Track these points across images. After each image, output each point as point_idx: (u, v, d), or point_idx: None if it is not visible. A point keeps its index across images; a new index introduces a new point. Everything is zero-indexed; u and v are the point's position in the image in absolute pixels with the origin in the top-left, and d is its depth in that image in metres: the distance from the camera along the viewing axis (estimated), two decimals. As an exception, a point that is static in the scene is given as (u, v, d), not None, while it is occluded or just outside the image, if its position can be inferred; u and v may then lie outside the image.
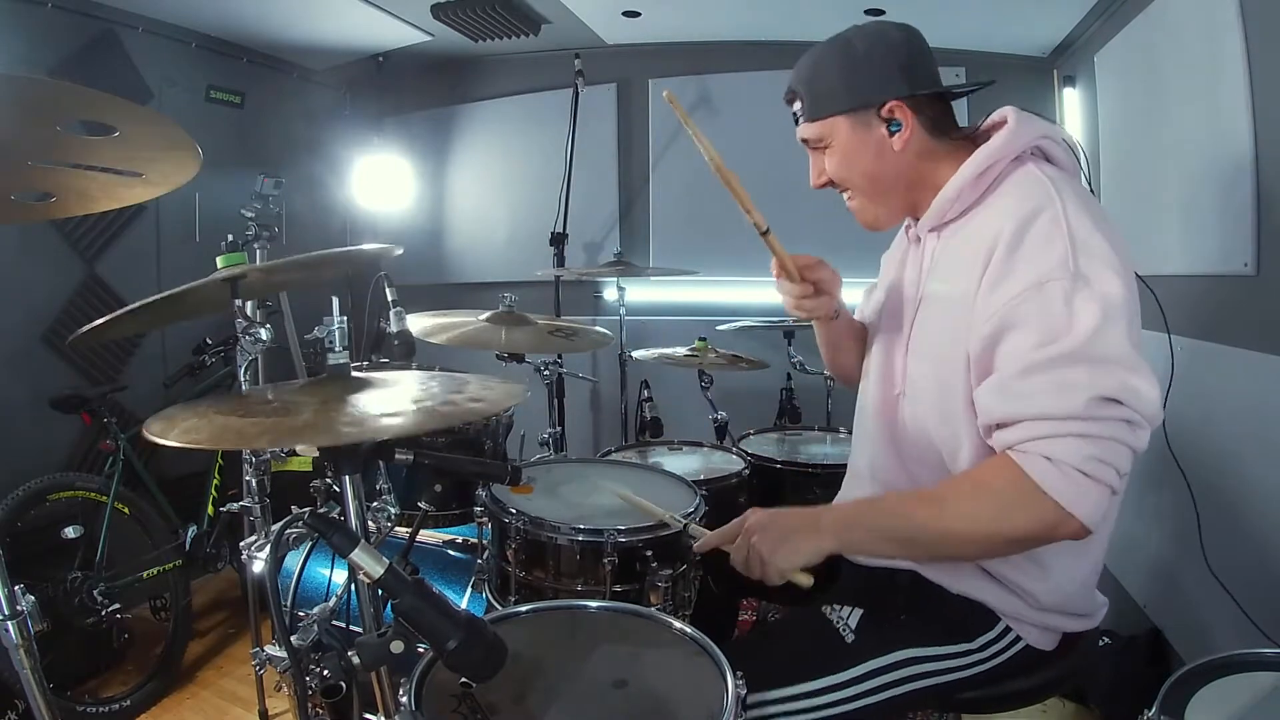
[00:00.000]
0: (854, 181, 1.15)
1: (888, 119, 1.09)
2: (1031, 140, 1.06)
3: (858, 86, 1.09)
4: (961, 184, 1.07)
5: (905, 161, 1.11)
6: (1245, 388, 1.63)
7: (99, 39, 2.56)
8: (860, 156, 1.12)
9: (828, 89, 1.11)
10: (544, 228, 3.12)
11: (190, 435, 0.81)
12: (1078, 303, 0.90)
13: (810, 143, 1.17)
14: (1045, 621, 1.10)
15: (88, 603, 2.12)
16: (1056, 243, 0.93)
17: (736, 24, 3.10)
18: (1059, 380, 0.89)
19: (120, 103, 0.73)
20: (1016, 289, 0.94)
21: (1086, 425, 0.89)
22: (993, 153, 1.05)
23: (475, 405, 0.93)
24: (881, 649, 1.08)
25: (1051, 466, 0.89)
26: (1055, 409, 0.89)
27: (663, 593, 1.30)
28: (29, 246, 2.45)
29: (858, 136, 1.11)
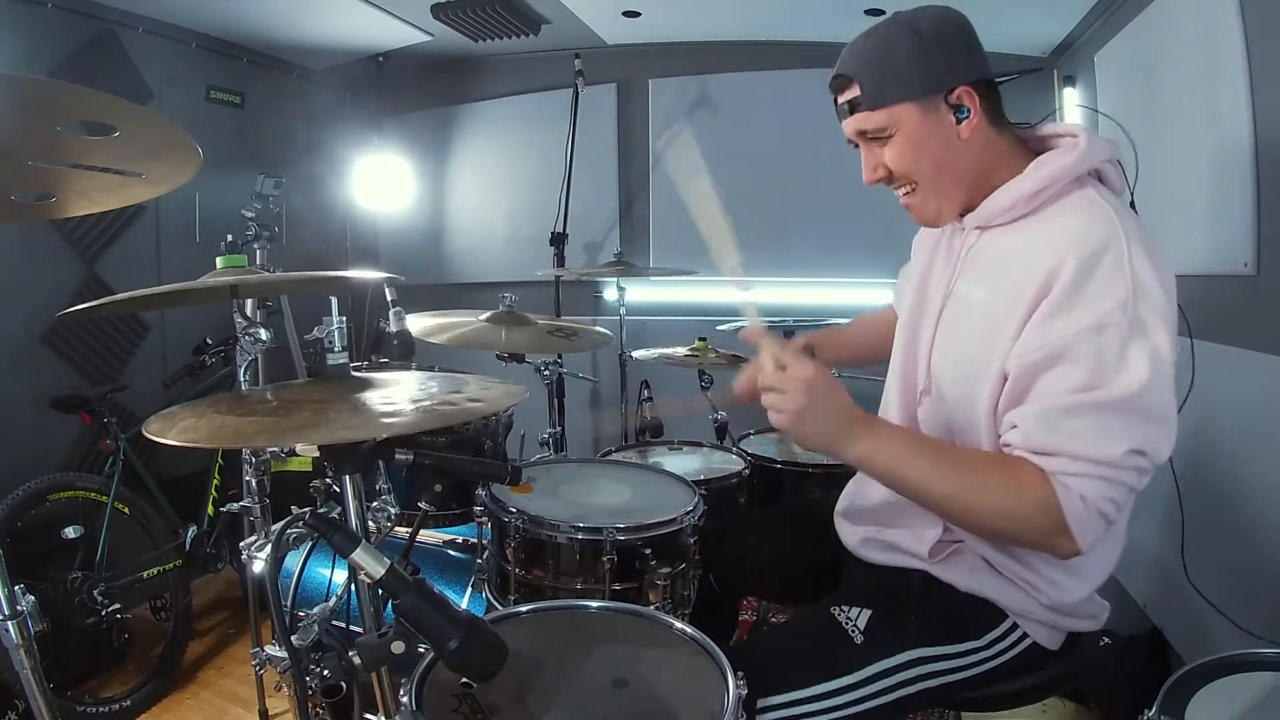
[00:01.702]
0: (921, 173, 1.08)
1: (956, 105, 1.04)
2: (1097, 163, 1.04)
3: (929, 69, 1.03)
4: (1017, 196, 1.04)
5: (973, 152, 1.06)
6: (1245, 387, 1.63)
7: (99, 39, 2.56)
8: (929, 146, 1.05)
9: (895, 73, 1.03)
10: (544, 228, 3.11)
11: (189, 434, 0.81)
12: (1132, 352, 0.91)
13: (869, 133, 1.08)
14: (1054, 621, 1.10)
15: (88, 603, 2.12)
16: (1119, 286, 0.92)
17: (736, 24, 3.10)
18: (1103, 427, 0.91)
19: (120, 103, 0.73)
20: (1076, 326, 0.93)
21: (1115, 471, 0.91)
22: (1056, 172, 1.02)
23: (474, 405, 0.93)
24: (891, 649, 1.08)
25: (1083, 505, 0.91)
26: (1095, 453, 0.91)
27: (662, 591, 1.30)
28: (29, 246, 2.45)
29: (927, 124, 1.04)
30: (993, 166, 1.07)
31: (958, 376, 1.09)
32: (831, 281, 3.21)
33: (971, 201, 1.11)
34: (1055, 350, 0.94)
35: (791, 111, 3.16)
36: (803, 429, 0.98)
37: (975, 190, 1.09)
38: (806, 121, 3.22)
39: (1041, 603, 1.08)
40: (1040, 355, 0.95)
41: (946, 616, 1.11)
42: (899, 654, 1.07)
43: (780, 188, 3.21)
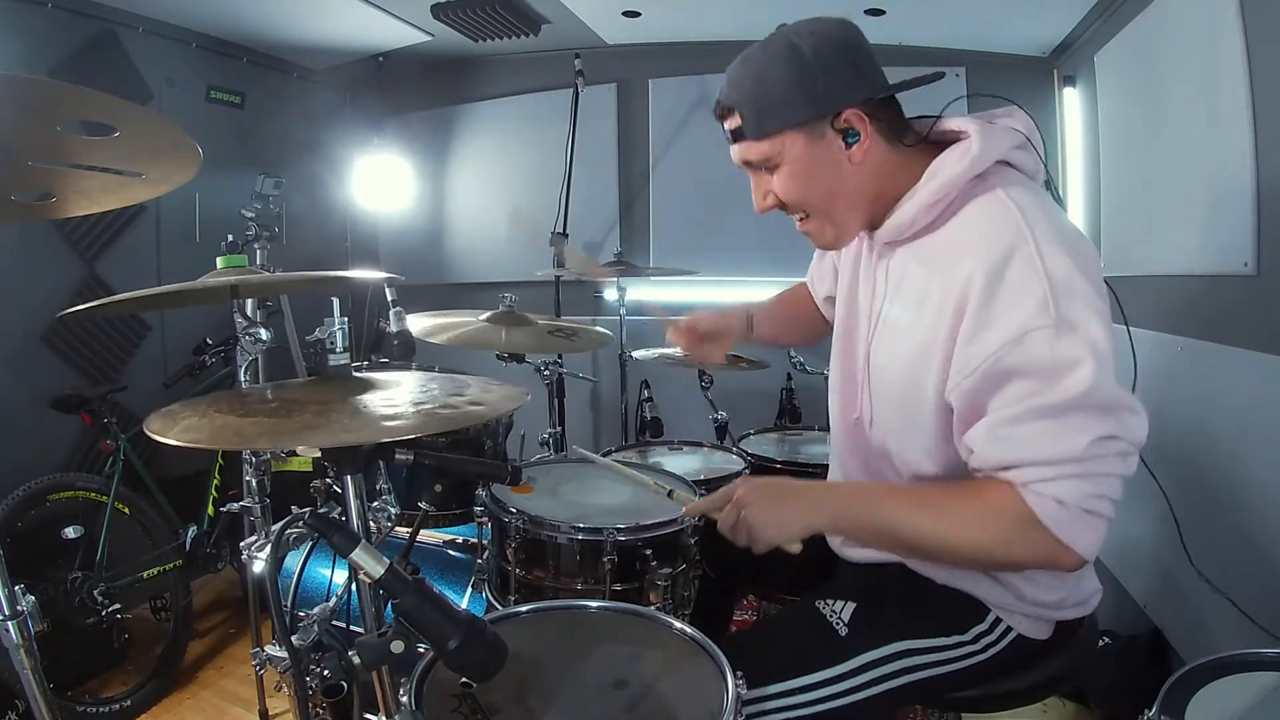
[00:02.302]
0: (811, 202, 1.06)
1: (844, 130, 1.00)
2: (995, 159, 1.00)
3: (810, 94, 0.99)
4: (915, 211, 1.01)
5: (866, 175, 1.03)
6: (1245, 387, 1.63)
7: (99, 39, 2.56)
8: (818, 174, 1.02)
9: (775, 102, 1.00)
10: (544, 228, 3.12)
11: (190, 434, 0.81)
12: (1064, 350, 0.87)
13: (754, 163, 1.06)
14: (1035, 612, 1.10)
15: (88, 603, 2.12)
16: (1034, 287, 0.89)
17: (736, 24, 3.10)
18: (1058, 426, 0.88)
19: (120, 103, 0.73)
20: (996, 343, 0.90)
21: (1085, 465, 0.88)
22: (949, 182, 0.98)
23: (475, 409, 0.93)
24: (875, 641, 1.08)
25: (1060, 508, 0.88)
26: (1056, 453, 0.88)
27: (662, 591, 1.30)
28: (29, 246, 2.45)
29: (814, 152, 1.01)
30: (892, 182, 1.04)
31: (893, 401, 1.09)
32: (831, 281, 3.20)
33: (875, 218, 1.08)
34: (987, 373, 0.91)
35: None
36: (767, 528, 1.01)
37: (876, 207, 1.07)
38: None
39: (1016, 596, 1.09)
40: (974, 380, 0.93)
41: (930, 609, 1.11)
42: (884, 646, 1.08)
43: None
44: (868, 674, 1.06)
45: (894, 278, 1.09)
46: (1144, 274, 2.20)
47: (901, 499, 1.03)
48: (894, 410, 1.09)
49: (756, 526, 1.01)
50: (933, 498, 1.01)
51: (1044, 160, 1.07)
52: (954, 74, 2.90)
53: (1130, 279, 2.29)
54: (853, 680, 1.06)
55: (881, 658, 1.07)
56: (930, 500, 1.00)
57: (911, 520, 0.98)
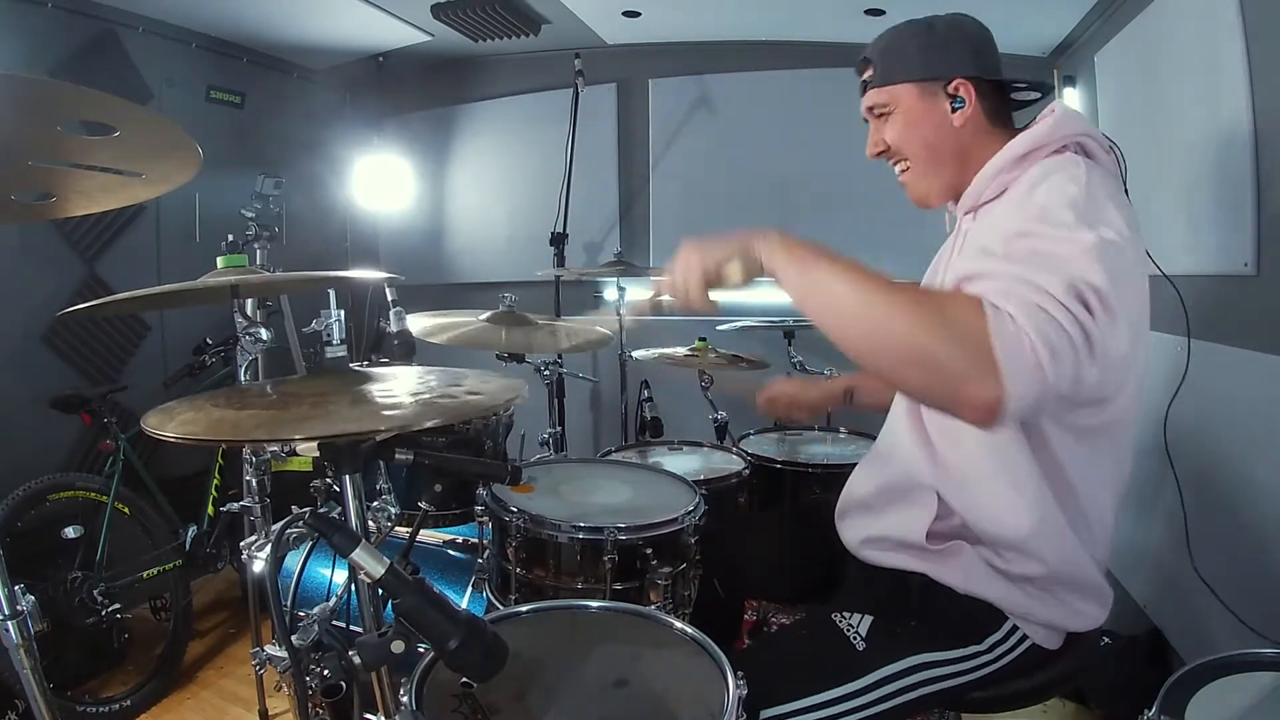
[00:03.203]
0: (911, 150, 1.17)
1: (953, 95, 1.13)
2: (1074, 133, 1.06)
3: (931, 59, 1.13)
4: (1001, 164, 1.08)
5: (962, 139, 1.14)
6: (1245, 387, 1.63)
7: (99, 39, 2.56)
8: (922, 126, 1.15)
9: (901, 57, 1.15)
10: (544, 228, 3.12)
11: (187, 427, 0.80)
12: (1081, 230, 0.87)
13: (875, 109, 1.19)
14: (1049, 617, 1.09)
15: (88, 603, 2.12)
16: (1070, 189, 0.93)
17: (736, 24, 3.10)
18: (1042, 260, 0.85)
19: (120, 103, 0.73)
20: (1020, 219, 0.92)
21: (1056, 306, 0.81)
22: (1034, 138, 1.06)
23: (473, 398, 0.93)
24: (893, 656, 1.07)
25: (1012, 325, 0.80)
26: (1031, 275, 0.83)
27: (663, 590, 1.30)
28: (29, 246, 2.45)
29: (923, 106, 1.14)
30: (981, 154, 1.12)
31: None
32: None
33: (960, 187, 1.16)
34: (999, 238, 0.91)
35: (791, 111, 3.17)
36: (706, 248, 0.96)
37: (962, 175, 1.15)
38: (807, 121, 3.24)
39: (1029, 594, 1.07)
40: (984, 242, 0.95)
41: (947, 621, 1.10)
42: (901, 660, 1.07)
43: (780, 188, 3.21)
44: (885, 688, 1.06)
45: (970, 237, 1.14)
46: (1144, 274, 2.20)
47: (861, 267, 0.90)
48: None
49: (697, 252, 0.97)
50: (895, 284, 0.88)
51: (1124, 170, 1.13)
52: (954, 74, 2.91)
53: (1130, 279, 2.29)
54: (869, 695, 1.05)
55: (899, 671, 1.07)
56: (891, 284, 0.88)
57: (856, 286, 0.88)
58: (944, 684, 1.08)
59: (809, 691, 1.04)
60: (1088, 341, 0.82)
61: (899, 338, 0.84)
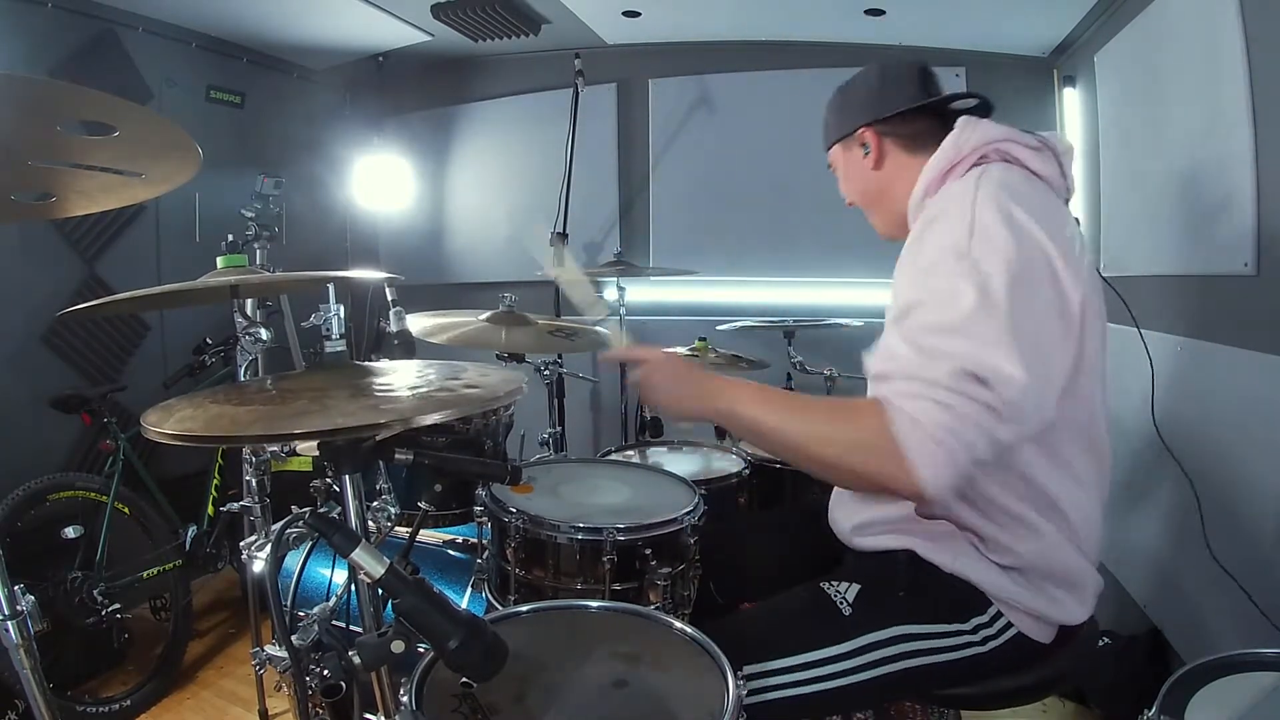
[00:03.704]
0: (855, 198, 1.34)
1: (862, 144, 1.26)
2: (980, 146, 1.09)
3: (841, 119, 1.30)
4: (918, 196, 1.16)
5: (883, 178, 1.26)
6: (1245, 388, 1.63)
7: (99, 39, 2.56)
8: (852, 177, 1.31)
9: (827, 124, 1.34)
10: (544, 228, 3.11)
11: (186, 424, 0.80)
12: (960, 284, 0.93)
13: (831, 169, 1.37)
14: (1035, 607, 1.10)
15: (88, 603, 2.12)
16: (956, 230, 0.98)
17: (736, 24, 3.10)
18: (930, 347, 0.93)
19: (120, 103, 0.73)
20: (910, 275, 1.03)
21: (945, 395, 0.89)
22: (934, 164, 1.13)
23: (472, 392, 0.93)
24: (877, 624, 1.09)
25: (913, 427, 0.90)
26: (922, 372, 0.92)
27: (662, 591, 1.30)
28: (29, 246, 2.45)
29: (848, 160, 1.31)
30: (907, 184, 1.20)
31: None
32: (831, 281, 3.21)
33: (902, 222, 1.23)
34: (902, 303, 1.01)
35: (792, 111, 3.16)
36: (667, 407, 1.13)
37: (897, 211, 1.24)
38: (807, 122, 3.21)
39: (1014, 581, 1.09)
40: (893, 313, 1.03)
41: (933, 597, 1.12)
42: (885, 629, 1.09)
43: (780, 188, 3.21)
44: (868, 655, 1.08)
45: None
46: (1144, 274, 2.20)
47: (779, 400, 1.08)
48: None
49: (656, 400, 1.14)
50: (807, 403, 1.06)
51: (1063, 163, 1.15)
52: (954, 74, 2.90)
53: (1130, 279, 2.29)
54: (853, 660, 1.07)
55: (882, 640, 1.08)
56: (802, 405, 1.06)
57: (776, 418, 1.04)
58: (926, 659, 1.09)
59: (793, 650, 1.07)
60: (990, 410, 0.89)
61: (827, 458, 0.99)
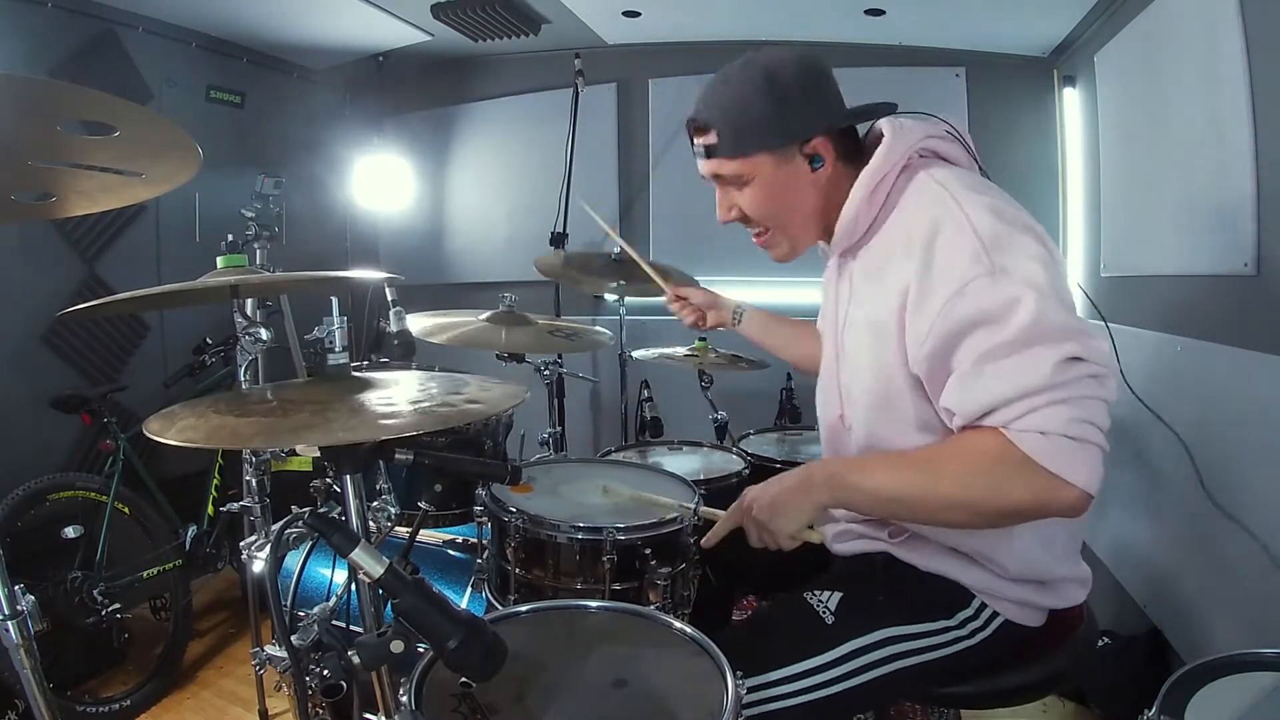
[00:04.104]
0: (776, 218, 1.15)
1: (810, 155, 1.10)
2: (910, 148, 1.08)
3: (783, 123, 1.08)
4: (855, 209, 1.09)
5: (825, 193, 1.13)
6: (1245, 388, 1.63)
7: (99, 39, 2.56)
8: (785, 193, 1.12)
9: (752, 124, 1.08)
10: (544, 228, 3.12)
11: (187, 434, 0.81)
12: (1003, 290, 0.91)
13: (725, 178, 1.14)
14: (1020, 595, 1.10)
15: (88, 603, 2.12)
16: (965, 246, 0.95)
17: (736, 24, 3.10)
18: (1018, 361, 0.90)
19: (120, 103, 0.73)
20: (939, 303, 0.95)
21: (1057, 391, 0.88)
22: (874, 172, 1.07)
23: (472, 407, 0.93)
24: (862, 629, 1.09)
25: (1043, 439, 0.88)
26: (1024, 385, 0.89)
27: (662, 591, 1.30)
28: (29, 246, 2.45)
29: (782, 172, 1.10)
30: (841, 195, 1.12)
31: (868, 393, 1.12)
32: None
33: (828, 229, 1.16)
34: (939, 331, 0.95)
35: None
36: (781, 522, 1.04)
37: (829, 220, 1.15)
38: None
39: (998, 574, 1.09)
40: (931, 343, 0.96)
41: (915, 596, 1.12)
42: (870, 633, 1.09)
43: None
44: (856, 661, 1.07)
45: (855, 282, 1.16)
46: (1144, 274, 2.20)
47: (891, 463, 1.04)
48: (871, 407, 1.12)
49: (770, 526, 1.04)
50: (921, 456, 1.02)
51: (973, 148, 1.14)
52: (954, 74, 2.90)
53: (1130, 279, 2.30)
54: (841, 668, 1.07)
55: (868, 644, 1.08)
56: (918, 460, 1.01)
57: (902, 480, 0.99)
58: (917, 658, 1.09)
59: (779, 664, 1.06)
60: (1095, 378, 0.89)
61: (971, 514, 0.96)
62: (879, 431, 1.12)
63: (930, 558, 1.12)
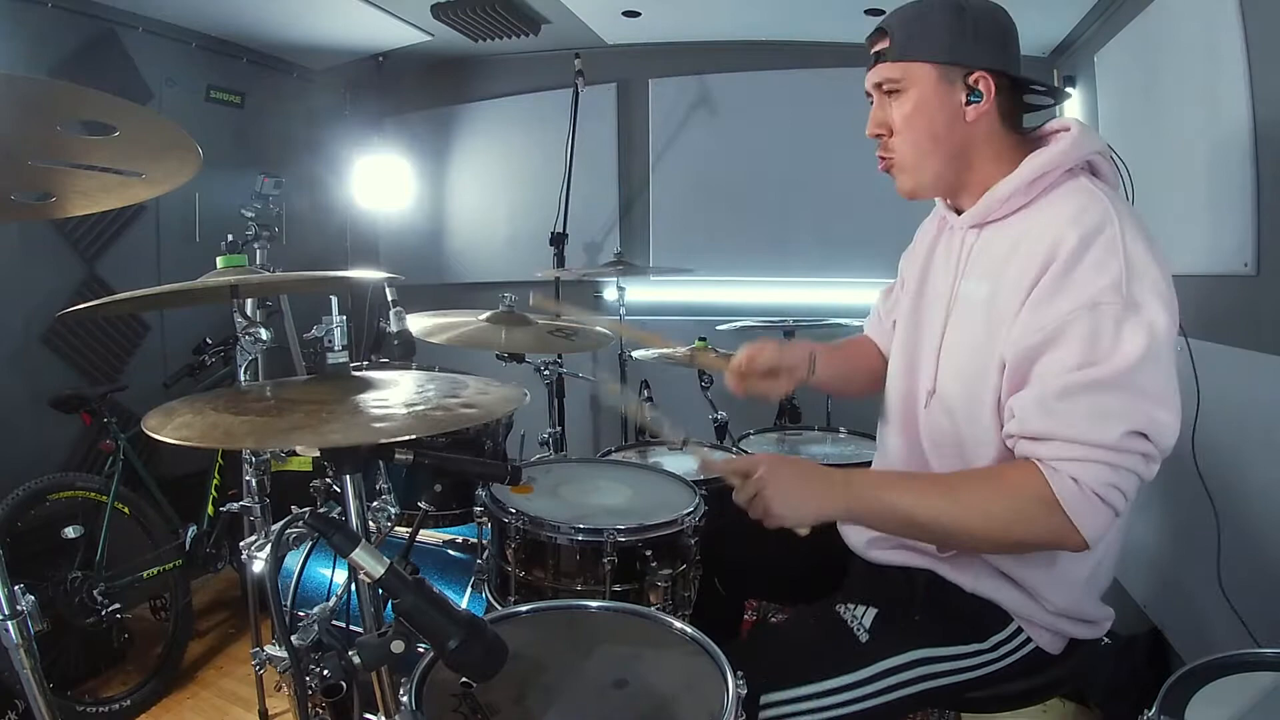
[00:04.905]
0: (914, 136, 1.10)
1: (971, 87, 1.06)
2: (1088, 153, 1.06)
3: (957, 42, 1.05)
4: (1015, 187, 1.05)
5: (970, 135, 1.08)
6: (1245, 388, 1.63)
7: (99, 39, 2.56)
8: (933, 112, 1.07)
9: (926, 33, 1.06)
10: (544, 228, 3.12)
11: (183, 432, 0.81)
12: (1126, 330, 0.91)
13: (884, 84, 1.10)
14: (1056, 626, 1.10)
15: (88, 603, 2.12)
16: (1112, 264, 0.93)
17: (736, 24, 3.10)
18: (1098, 407, 0.91)
19: (120, 103, 0.73)
20: (1068, 306, 0.94)
21: (1114, 455, 0.91)
22: (1051, 159, 1.04)
23: (468, 411, 0.93)
24: (895, 649, 1.08)
25: (1077, 488, 0.91)
26: (1090, 436, 0.91)
27: (662, 592, 1.30)
28: (29, 246, 2.45)
29: (938, 91, 1.06)
30: (985, 158, 1.10)
31: (963, 372, 1.09)
32: (831, 281, 3.21)
33: (958, 189, 1.13)
34: (1050, 332, 0.95)
35: (791, 111, 3.17)
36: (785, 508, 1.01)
37: (965, 175, 1.11)
38: (806, 121, 3.24)
39: (1043, 607, 1.08)
40: (1036, 338, 0.96)
41: (952, 618, 1.10)
42: (903, 654, 1.07)
43: (780, 188, 3.21)
44: (886, 680, 1.06)
45: (976, 255, 1.12)
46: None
47: (917, 483, 1.05)
48: (963, 385, 1.09)
49: (773, 506, 1.02)
50: (950, 480, 1.03)
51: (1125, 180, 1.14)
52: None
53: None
54: (871, 686, 1.06)
55: (900, 665, 1.07)
56: (947, 484, 1.03)
57: (926, 503, 1.00)
58: (946, 680, 1.08)
59: (811, 679, 1.05)
60: (1146, 459, 0.93)
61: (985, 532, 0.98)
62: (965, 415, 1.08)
63: (978, 578, 1.10)
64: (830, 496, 1.03)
